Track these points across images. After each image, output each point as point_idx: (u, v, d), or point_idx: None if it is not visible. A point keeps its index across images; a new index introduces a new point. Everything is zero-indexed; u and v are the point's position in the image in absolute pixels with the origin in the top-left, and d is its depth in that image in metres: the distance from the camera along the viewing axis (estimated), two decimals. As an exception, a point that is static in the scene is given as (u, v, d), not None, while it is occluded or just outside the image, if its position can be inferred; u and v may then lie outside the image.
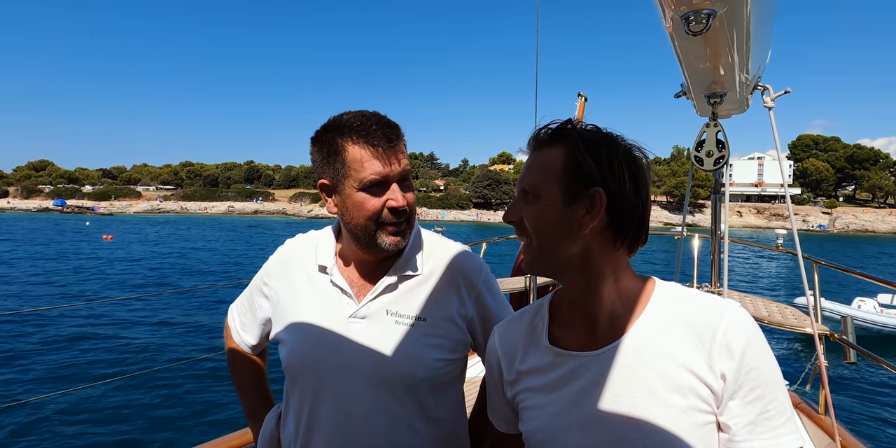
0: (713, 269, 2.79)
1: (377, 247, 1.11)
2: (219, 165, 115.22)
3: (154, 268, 23.94)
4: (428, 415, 1.15)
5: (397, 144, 1.09)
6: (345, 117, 1.10)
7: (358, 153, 1.06)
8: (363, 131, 1.06)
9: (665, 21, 1.41)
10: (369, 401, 1.11)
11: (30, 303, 15.34)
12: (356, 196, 1.08)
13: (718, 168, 2.20)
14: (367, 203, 1.08)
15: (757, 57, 1.70)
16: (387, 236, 1.11)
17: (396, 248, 1.13)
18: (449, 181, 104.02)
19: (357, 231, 1.12)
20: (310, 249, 1.25)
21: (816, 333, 2.07)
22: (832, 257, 36.02)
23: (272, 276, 1.27)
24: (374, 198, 1.08)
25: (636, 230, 0.85)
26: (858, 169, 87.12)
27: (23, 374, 8.94)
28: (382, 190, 1.08)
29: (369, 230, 1.10)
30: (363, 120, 1.08)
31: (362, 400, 1.11)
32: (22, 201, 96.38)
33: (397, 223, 1.11)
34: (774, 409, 0.77)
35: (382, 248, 1.11)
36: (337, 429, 1.12)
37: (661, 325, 0.84)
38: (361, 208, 1.08)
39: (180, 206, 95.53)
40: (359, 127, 1.07)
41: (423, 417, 1.14)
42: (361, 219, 1.09)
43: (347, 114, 1.12)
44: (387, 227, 1.10)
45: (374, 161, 1.06)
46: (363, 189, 1.08)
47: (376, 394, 1.11)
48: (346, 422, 1.11)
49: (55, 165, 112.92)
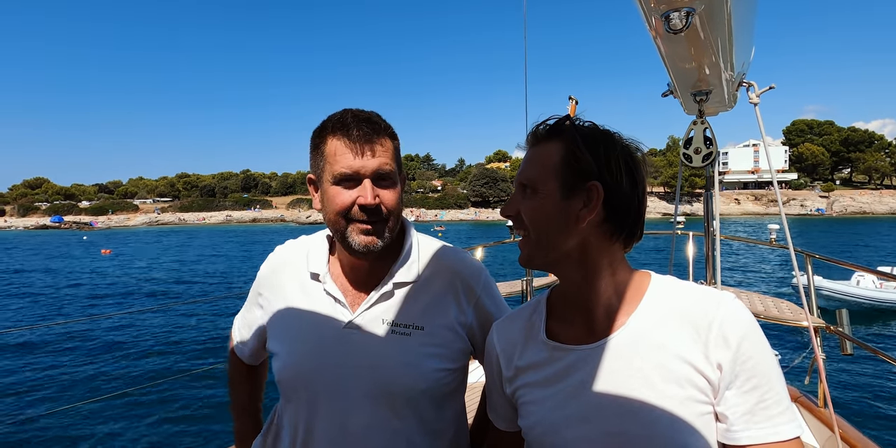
0: (707, 266, 2.79)
1: (349, 246, 1.07)
2: (215, 175, 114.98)
3: (161, 279, 23.92)
4: (428, 428, 1.11)
5: (375, 140, 1.05)
6: (334, 113, 1.10)
7: (333, 146, 1.05)
8: (340, 124, 1.06)
9: (647, 22, 1.41)
10: (367, 415, 1.07)
11: (29, 319, 15.33)
12: (330, 190, 1.06)
13: (707, 164, 2.21)
14: (337, 197, 1.05)
15: (740, 54, 1.71)
16: (357, 235, 1.06)
17: (369, 250, 1.06)
18: (446, 181, 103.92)
19: (331, 227, 1.09)
20: (301, 256, 1.20)
21: (812, 327, 2.08)
22: (829, 242, 36.10)
23: (264, 285, 1.23)
24: (346, 192, 1.05)
25: (632, 224, 0.86)
26: (854, 152, 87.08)
27: (30, 388, 8.94)
28: (354, 185, 1.05)
29: (340, 226, 1.07)
30: (343, 114, 1.08)
31: (359, 414, 1.07)
32: (19, 219, 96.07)
33: (368, 222, 1.05)
34: (771, 399, 0.78)
35: (354, 247, 1.06)
36: (333, 445, 1.08)
37: (658, 317, 0.84)
38: (333, 202, 1.06)
39: (178, 218, 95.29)
40: (338, 120, 1.07)
41: (422, 431, 1.10)
42: (332, 213, 1.07)
43: (340, 110, 1.11)
44: (357, 224, 1.05)
45: (347, 154, 1.04)
46: (336, 183, 1.05)
47: (374, 408, 1.07)
48: (343, 438, 1.07)
49: (51, 182, 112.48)
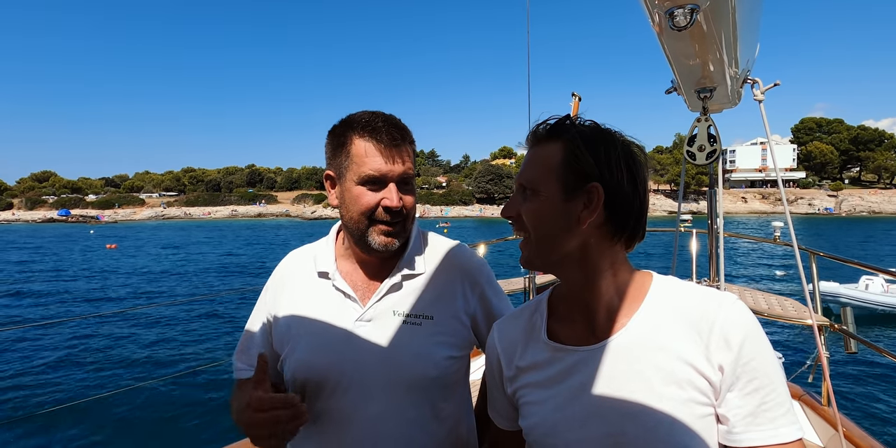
0: (711, 263, 2.78)
1: (368, 245, 1.11)
2: (220, 170, 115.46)
3: (174, 275, 24.03)
4: (439, 415, 1.14)
5: (402, 145, 1.10)
6: (358, 114, 1.13)
7: (362, 147, 1.08)
8: (370, 127, 1.09)
9: (651, 19, 1.40)
10: (381, 405, 1.09)
11: (34, 314, 15.47)
12: (354, 189, 1.09)
13: (711, 162, 2.19)
14: (362, 198, 1.09)
15: (745, 51, 1.69)
16: (378, 235, 1.10)
17: (387, 249, 1.12)
18: (451, 177, 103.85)
19: (351, 225, 1.12)
20: (308, 260, 1.23)
21: (816, 325, 2.07)
22: (838, 242, 35.78)
23: (272, 295, 1.25)
24: (371, 193, 1.09)
25: (634, 225, 0.85)
26: (863, 150, 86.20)
27: (37, 384, 9.03)
28: (380, 187, 1.09)
29: (362, 226, 1.10)
30: (373, 117, 1.10)
31: (374, 404, 1.09)
32: (27, 212, 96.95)
33: (391, 223, 1.10)
34: (773, 401, 0.77)
35: (373, 247, 1.11)
36: (348, 435, 1.10)
37: (659, 318, 0.84)
38: (357, 202, 1.09)
39: (184, 212, 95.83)
40: (367, 123, 1.09)
41: (434, 417, 1.14)
42: (356, 213, 1.10)
43: (363, 111, 1.14)
44: (379, 226, 1.10)
45: (377, 157, 1.07)
46: (361, 183, 1.09)
47: (388, 397, 1.10)
48: (360, 428, 1.10)
49: (58, 176, 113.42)
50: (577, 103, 3.37)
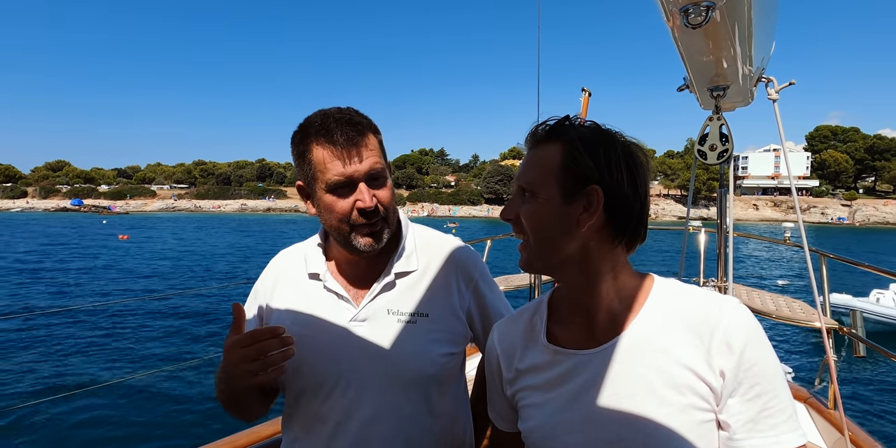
0: (719, 263, 2.75)
1: (354, 248, 1.09)
2: (231, 164, 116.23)
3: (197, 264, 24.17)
4: (435, 411, 1.14)
5: (361, 142, 1.05)
6: (312, 117, 1.08)
7: (321, 154, 1.04)
8: (323, 130, 1.04)
9: (665, 16, 1.39)
10: (378, 403, 1.09)
11: (43, 303, 15.64)
12: (326, 198, 1.06)
13: (722, 162, 2.17)
14: (335, 205, 1.05)
15: (760, 49, 1.67)
16: (361, 237, 1.08)
17: (373, 250, 1.09)
18: (460, 177, 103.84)
19: (333, 233, 1.11)
20: (298, 260, 1.21)
21: (824, 327, 2.04)
22: (848, 251, 35.32)
23: (262, 298, 1.23)
24: (342, 199, 1.05)
25: (634, 228, 0.84)
26: (879, 160, 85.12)
27: (37, 374, 9.12)
28: (350, 191, 1.05)
29: (343, 232, 1.08)
30: (324, 118, 1.05)
31: (371, 403, 1.09)
32: (41, 201, 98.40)
33: (370, 224, 1.07)
34: (775, 407, 0.76)
35: (359, 249, 1.09)
36: (345, 434, 1.10)
37: (660, 322, 0.83)
38: (331, 211, 1.06)
39: (194, 205, 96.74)
40: (320, 126, 1.04)
41: (430, 413, 1.13)
42: (333, 221, 1.07)
43: (316, 113, 1.09)
44: (359, 229, 1.07)
45: (336, 161, 1.03)
46: (330, 190, 1.05)
47: (385, 395, 1.09)
48: (356, 426, 1.09)
49: (72, 165, 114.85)
50: (586, 99, 3.33)
